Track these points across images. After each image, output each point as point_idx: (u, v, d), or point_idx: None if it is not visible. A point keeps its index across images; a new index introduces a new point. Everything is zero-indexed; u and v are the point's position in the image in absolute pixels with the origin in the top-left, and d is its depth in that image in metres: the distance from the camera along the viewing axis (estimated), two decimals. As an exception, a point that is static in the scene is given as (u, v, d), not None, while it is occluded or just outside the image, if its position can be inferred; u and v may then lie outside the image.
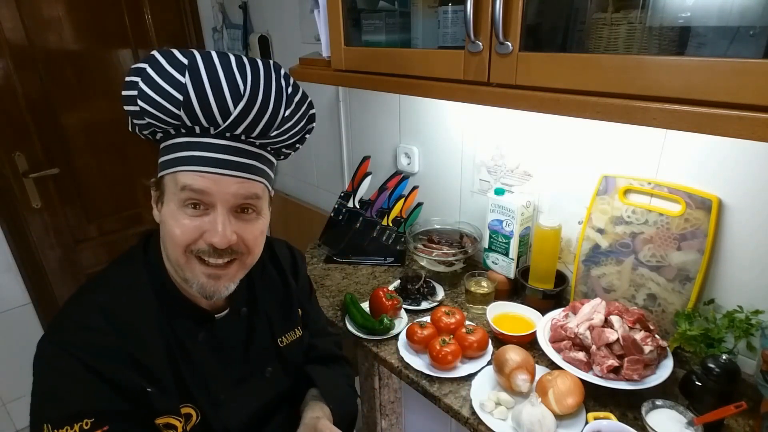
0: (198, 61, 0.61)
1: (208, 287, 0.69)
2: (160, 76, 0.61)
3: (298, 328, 0.89)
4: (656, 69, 0.63)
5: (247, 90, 0.63)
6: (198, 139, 0.64)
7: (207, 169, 0.64)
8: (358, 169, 1.50)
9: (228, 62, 0.62)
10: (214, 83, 0.61)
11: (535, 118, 1.13)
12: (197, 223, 0.65)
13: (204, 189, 0.64)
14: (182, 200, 0.64)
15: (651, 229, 0.98)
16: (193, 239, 0.65)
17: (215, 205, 0.65)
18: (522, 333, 1.03)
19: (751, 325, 0.84)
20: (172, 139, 0.66)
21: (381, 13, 1.09)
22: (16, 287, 1.88)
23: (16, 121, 1.75)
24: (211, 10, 2.13)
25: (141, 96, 0.62)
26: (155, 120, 0.64)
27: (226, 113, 0.63)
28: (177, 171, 0.64)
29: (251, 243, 0.70)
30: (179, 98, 0.61)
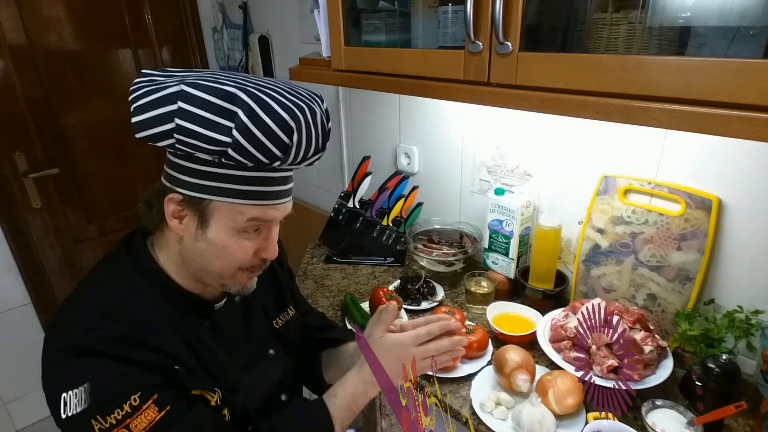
0: (302, 123, 0.65)
1: (249, 286, 0.76)
2: (263, 134, 0.62)
3: (291, 308, 0.95)
4: (656, 69, 0.63)
5: (325, 145, 0.72)
6: (256, 173, 0.67)
7: (272, 203, 0.69)
8: (358, 169, 1.50)
9: (317, 120, 0.68)
10: (308, 143, 0.67)
11: (535, 118, 1.13)
12: (254, 243, 0.71)
13: (272, 219, 0.71)
14: (245, 227, 0.69)
15: (651, 229, 0.98)
16: (249, 258, 0.72)
17: (271, 228, 0.72)
18: (522, 333, 1.03)
19: (751, 325, 0.84)
20: (223, 169, 0.65)
21: (381, 13, 1.09)
22: (16, 287, 1.89)
23: (16, 121, 1.75)
24: (211, 10, 2.13)
25: (233, 145, 0.61)
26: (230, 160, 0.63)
27: (302, 162, 0.70)
28: (243, 204, 0.67)
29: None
30: (279, 155, 0.64)
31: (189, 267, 0.73)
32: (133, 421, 0.60)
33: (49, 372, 0.63)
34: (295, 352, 0.92)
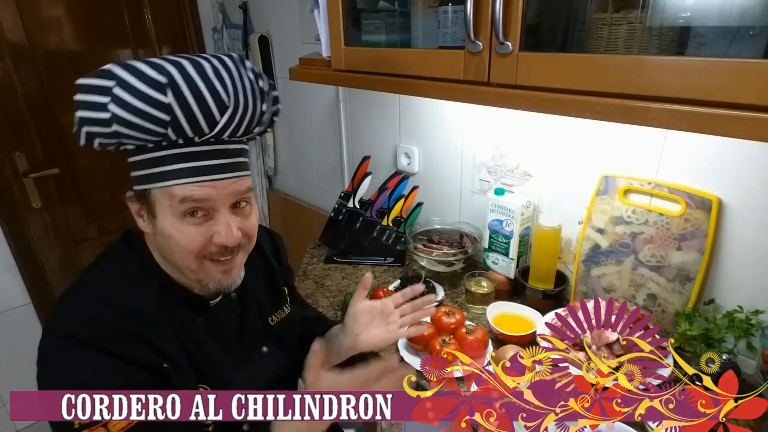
0: (176, 78, 0.60)
1: (225, 282, 0.72)
2: (137, 98, 0.59)
3: (286, 306, 0.94)
4: (656, 69, 0.63)
5: (231, 98, 0.63)
6: (185, 149, 0.65)
7: (203, 178, 0.65)
8: (358, 169, 1.50)
9: (204, 71, 0.62)
10: (198, 97, 0.61)
11: (535, 118, 1.13)
12: (203, 229, 0.67)
13: (205, 197, 0.65)
14: (183, 211, 0.66)
15: (651, 229, 0.98)
16: (202, 245, 0.68)
17: (217, 209, 0.67)
18: (522, 333, 1.03)
19: (751, 325, 0.84)
20: (151, 153, 0.65)
21: (381, 13, 1.09)
22: (16, 287, 1.88)
23: (16, 121, 1.75)
24: (211, 10, 2.13)
25: (117, 120, 0.59)
26: (134, 140, 0.63)
27: (213, 124, 0.63)
28: (171, 185, 0.65)
29: (252, 234, 0.74)
30: (166, 119, 0.60)
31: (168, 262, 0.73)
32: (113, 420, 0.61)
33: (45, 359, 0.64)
34: (289, 349, 0.92)
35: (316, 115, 1.84)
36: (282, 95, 0.82)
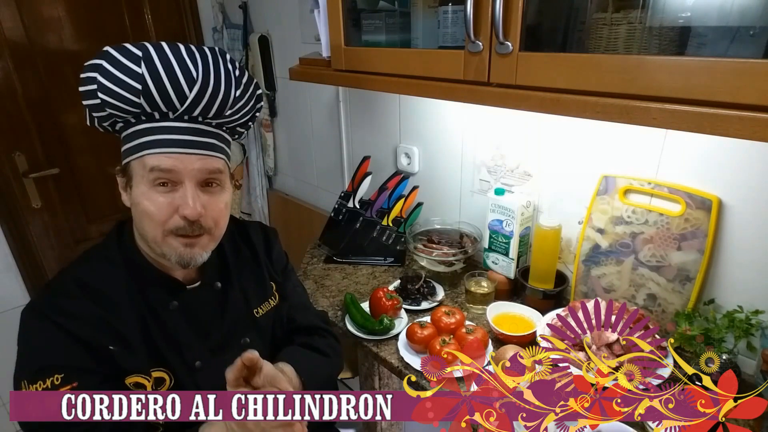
0: (151, 52, 0.68)
1: (186, 255, 0.74)
2: (117, 68, 0.67)
3: (272, 299, 0.94)
4: (656, 69, 0.63)
5: (199, 75, 0.70)
6: (159, 123, 0.71)
7: (171, 150, 0.70)
8: (358, 169, 1.50)
9: (178, 50, 0.69)
10: (169, 71, 0.68)
11: (535, 118, 1.13)
12: (169, 199, 0.71)
13: (171, 167, 0.70)
14: (152, 180, 0.70)
15: (651, 229, 0.98)
16: (168, 215, 0.71)
17: (183, 182, 0.71)
18: (522, 333, 1.03)
19: (751, 325, 0.84)
20: (133, 127, 0.72)
21: (381, 13, 1.09)
22: (16, 287, 1.88)
23: (16, 121, 1.75)
24: (211, 10, 2.13)
25: (101, 89, 0.67)
26: (116, 110, 0.70)
27: (183, 97, 0.69)
28: (143, 155, 0.70)
29: (217, 216, 0.76)
30: (138, 87, 0.67)
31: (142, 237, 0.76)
32: None
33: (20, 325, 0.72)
34: (272, 342, 0.93)
35: (316, 115, 1.84)
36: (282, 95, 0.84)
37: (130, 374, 0.73)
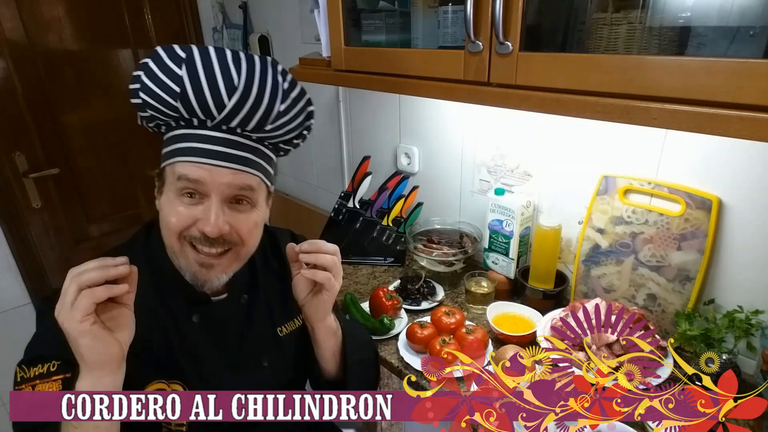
0: (195, 55, 0.64)
1: (200, 276, 0.71)
2: (159, 69, 0.65)
3: (298, 318, 0.88)
4: (656, 69, 0.63)
5: (241, 83, 0.65)
6: (195, 131, 0.68)
7: (202, 160, 0.66)
8: (358, 169, 1.50)
9: (224, 56, 0.65)
10: (209, 75, 0.64)
11: (535, 118, 1.13)
12: (191, 211, 0.67)
13: (198, 179, 0.66)
14: (179, 189, 0.67)
15: (651, 229, 0.98)
16: (185, 226, 0.68)
17: (209, 195, 0.67)
18: (522, 333, 1.03)
19: (751, 325, 0.84)
20: (172, 131, 0.70)
21: (381, 13, 1.09)
22: (16, 287, 1.88)
23: (16, 121, 1.75)
24: (211, 10, 2.13)
25: (143, 89, 0.66)
26: (156, 112, 0.67)
27: (221, 105, 0.65)
28: (175, 162, 0.68)
29: (245, 234, 0.71)
30: (176, 90, 0.64)
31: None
32: (40, 384, 0.64)
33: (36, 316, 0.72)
34: (296, 364, 0.87)
35: (316, 115, 1.83)
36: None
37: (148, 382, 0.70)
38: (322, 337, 0.80)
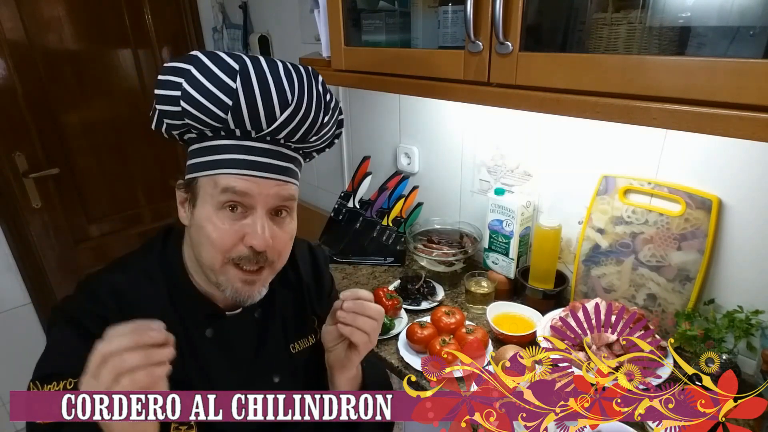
0: (249, 67, 0.62)
1: (243, 293, 0.69)
2: (208, 79, 0.61)
3: (312, 336, 0.85)
4: (656, 69, 0.63)
5: (294, 98, 0.64)
6: (239, 142, 0.65)
7: (249, 172, 0.65)
8: (358, 169, 1.50)
9: (276, 69, 0.64)
10: (264, 89, 0.62)
11: (535, 118, 1.13)
12: (236, 226, 0.65)
13: (246, 191, 0.64)
14: (221, 202, 0.65)
15: (651, 229, 0.98)
16: (232, 243, 0.66)
17: (255, 208, 0.66)
18: (522, 333, 1.03)
19: (751, 325, 0.84)
20: (209, 141, 0.66)
21: (381, 13, 1.09)
22: (16, 287, 1.88)
23: (16, 121, 1.75)
24: (211, 10, 2.13)
25: (185, 98, 0.62)
26: (195, 122, 0.64)
27: (273, 119, 0.64)
28: (218, 173, 0.65)
29: (282, 248, 0.70)
30: (228, 103, 0.62)
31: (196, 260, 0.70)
32: None
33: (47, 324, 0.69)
34: (307, 381, 0.84)
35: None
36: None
37: None
38: (341, 383, 0.77)
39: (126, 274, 0.71)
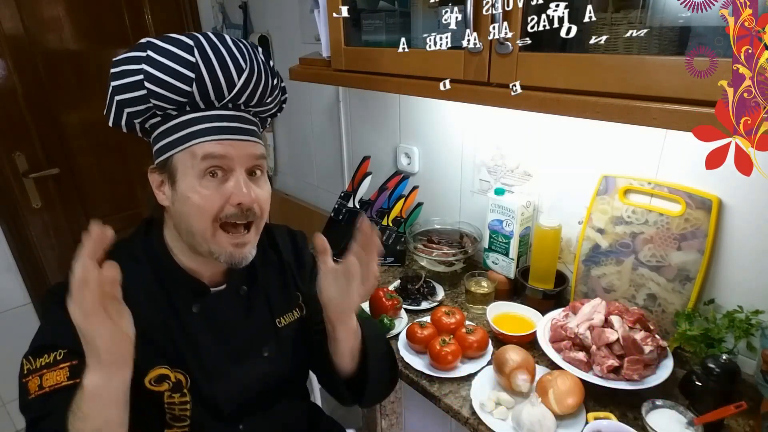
0: (202, 41, 0.68)
1: (237, 255, 0.73)
2: (167, 58, 0.66)
3: (296, 310, 0.90)
4: (656, 69, 0.63)
5: (247, 63, 0.71)
6: (205, 113, 0.70)
7: (223, 137, 0.70)
8: (358, 169, 1.50)
9: (225, 41, 0.70)
10: (220, 59, 0.68)
11: (535, 118, 1.13)
12: (221, 190, 0.70)
13: (225, 153, 0.69)
14: (203, 170, 0.69)
15: (651, 229, 0.98)
16: (220, 206, 0.70)
17: (234, 169, 0.70)
18: (522, 333, 1.03)
19: (751, 325, 0.84)
20: (174, 120, 0.70)
21: (381, 13, 1.09)
22: (16, 287, 1.88)
23: (16, 121, 1.75)
24: (211, 10, 2.13)
25: (149, 78, 0.66)
26: (161, 101, 0.68)
27: (232, 85, 0.70)
28: (194, 144, 0.69)
29: (263, 205, 0.75)
30: (191, 76, 0.67)
31: (182, 238, 0.74)
32: (47, 374, 0.65)
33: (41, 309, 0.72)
34: (295, 354, 0.88)
35: (316, 115, 1.84)
36: (282, 95, 0.83)
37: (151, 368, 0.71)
38: (343, 336, 0.79)
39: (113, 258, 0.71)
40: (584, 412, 0.85)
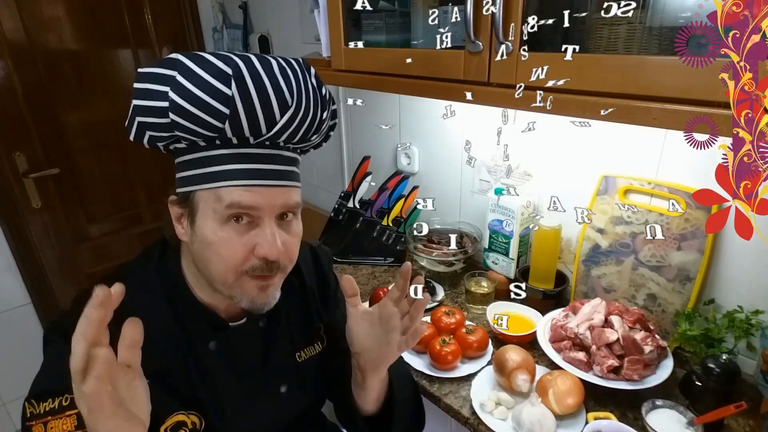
0: (243, 70, 0.57)
1: (261, 299, 0.65)
2: (199, 87, 0.56)
3: (318, 343, 0.83)
4: (656, 69, 0.63)
5: (294, 98, 0.60)
6: (237, 150, 0.60)
7: (253, 182, 0.60)
8: (358, 169, 1.50)
9: (271, 68, 0.59)
10: (262, 93, 0.57)
11: (535, 117, 1.12)
12: (245, 238, 0.61)
13: (253, 204, 0.60)
14: (226, 216, 0.60)
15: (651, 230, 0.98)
16: (244, 257, 0.62)
17: (262, 218, 0.62)
18: (522, 333, 1.03)
19: (751, 325, 0.84)
20: (202, 152, 0.61)
21: (381, 13, 1.09)
22: (16, 287, 1.88)
23: (16, 121, 1.75)
24: (211, 10, 2.13)
25: (175, 109, 0.56)
26: (187, 133, 0.59)
27: (272, 124, 0.60)
28: (219, 187, 0.60)
29: (292, 254, 0.66)
30: (225, 112, 0.56)
31: (202, 275, 0.66)
32: (52, 421, 0.58)
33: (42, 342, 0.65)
34: (313, 389, 0.82)
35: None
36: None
37: (168, 416, 0.65)
38: (371, 385, 0.73)
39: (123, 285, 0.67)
40: (584, 412, 0.85)
